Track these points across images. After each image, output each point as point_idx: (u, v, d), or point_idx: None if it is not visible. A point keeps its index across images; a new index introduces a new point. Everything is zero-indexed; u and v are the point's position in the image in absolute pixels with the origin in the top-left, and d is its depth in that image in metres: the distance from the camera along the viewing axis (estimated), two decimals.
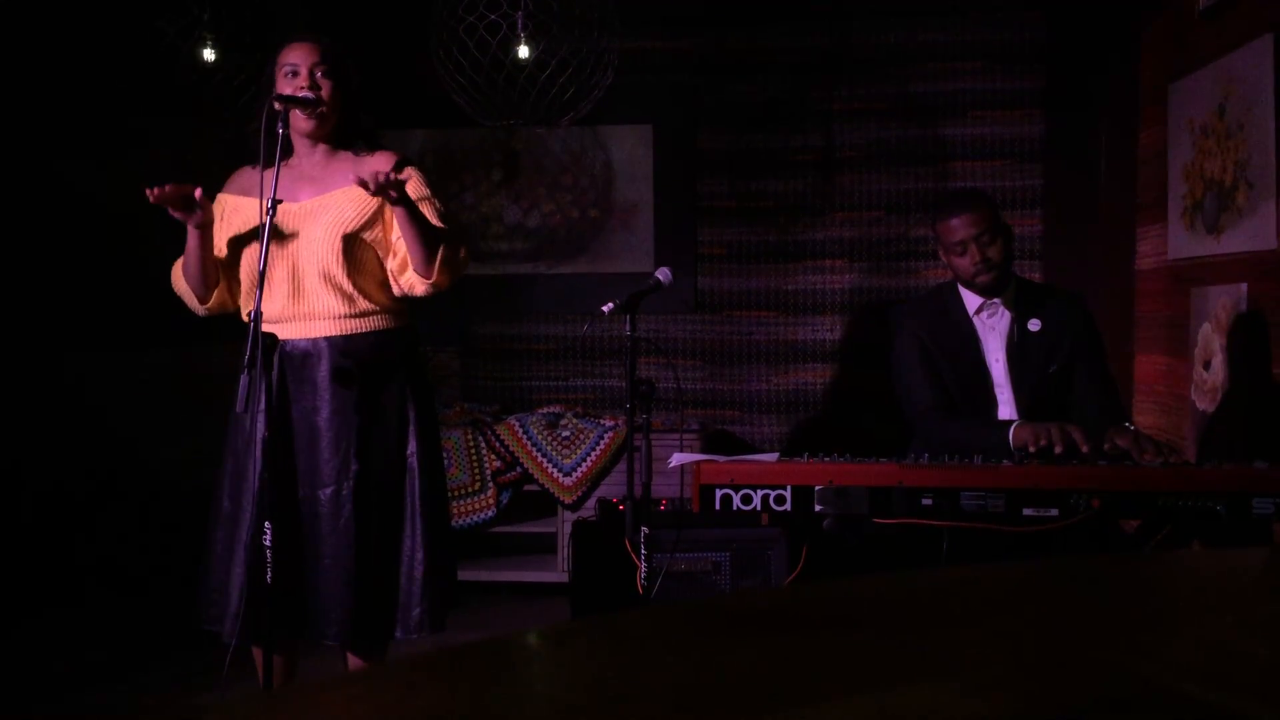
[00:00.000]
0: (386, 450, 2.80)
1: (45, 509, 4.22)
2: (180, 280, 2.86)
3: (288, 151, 2.77)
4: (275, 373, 2.71)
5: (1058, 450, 2.78)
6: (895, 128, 5.14)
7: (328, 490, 2.73)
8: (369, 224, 2.75)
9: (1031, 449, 2.82)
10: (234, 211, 2.83)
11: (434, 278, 2.73)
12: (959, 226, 3.15)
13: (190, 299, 2.87)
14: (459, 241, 2.77)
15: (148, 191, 2.60)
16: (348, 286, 2.73)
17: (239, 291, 2.86)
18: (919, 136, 5.13)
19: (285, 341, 2.75)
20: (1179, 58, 4.08)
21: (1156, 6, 4.31)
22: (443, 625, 2.84)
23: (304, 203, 2.76)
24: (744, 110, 5.20)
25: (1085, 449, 2.78)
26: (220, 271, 2.85)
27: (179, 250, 2.81)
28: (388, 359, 2.82)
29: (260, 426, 2.63)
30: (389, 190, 2.54)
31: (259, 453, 2.64)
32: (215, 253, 2.84)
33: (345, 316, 2.76)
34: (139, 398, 4.47)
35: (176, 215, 2.69)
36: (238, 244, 2.82)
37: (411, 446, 2.83)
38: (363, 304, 2.77)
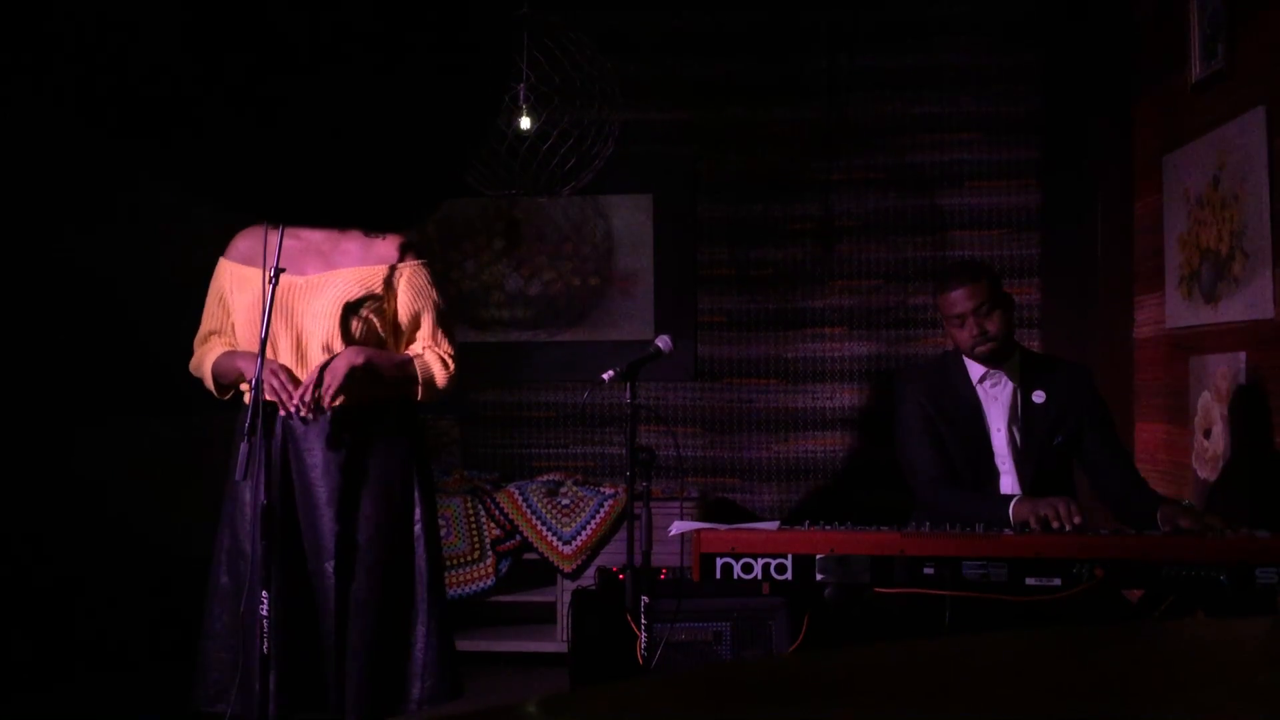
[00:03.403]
0: (393, 520, 2.78)
1: (39, 582, 4.18)
2: (205, 372, 2.86)
3: None
4: (279, 443, 2.71)
5: (1055, 526, 2.77)
6: (893, 197, 5.19)
7: (332, 563, 2.72)
8: (371, 299, 2.77)
9: (1033, 525, 2.81)
10: (240, 283, 2.82)
11: (419, 400, 2.84)
12: (958, 299, 3.15)
13: (210, 386, 2.87)
14: (429, 386, 2.83)
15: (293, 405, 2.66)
16: None
17: None
18: (917, 206, 5.18)
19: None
20: (1172, 129, 4.14)
21: (1149, 79, 4.38)
22: (462, 690, 2.83)
23: (310, 276, 2.76)
24: (743, 180, 5.25)
25: (1079, 520, 2.77)
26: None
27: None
28: (391, 429, 2.81)
29: (260, 495, 2.62)
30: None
31: (258, 521, 2.63)
32: (231, 325, 2.84)
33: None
34: (134, 467, 4.45)
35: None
36: (248, 315, 2.80)
37: (417, 515, 2.82)
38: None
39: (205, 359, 2.86)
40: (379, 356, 2.75)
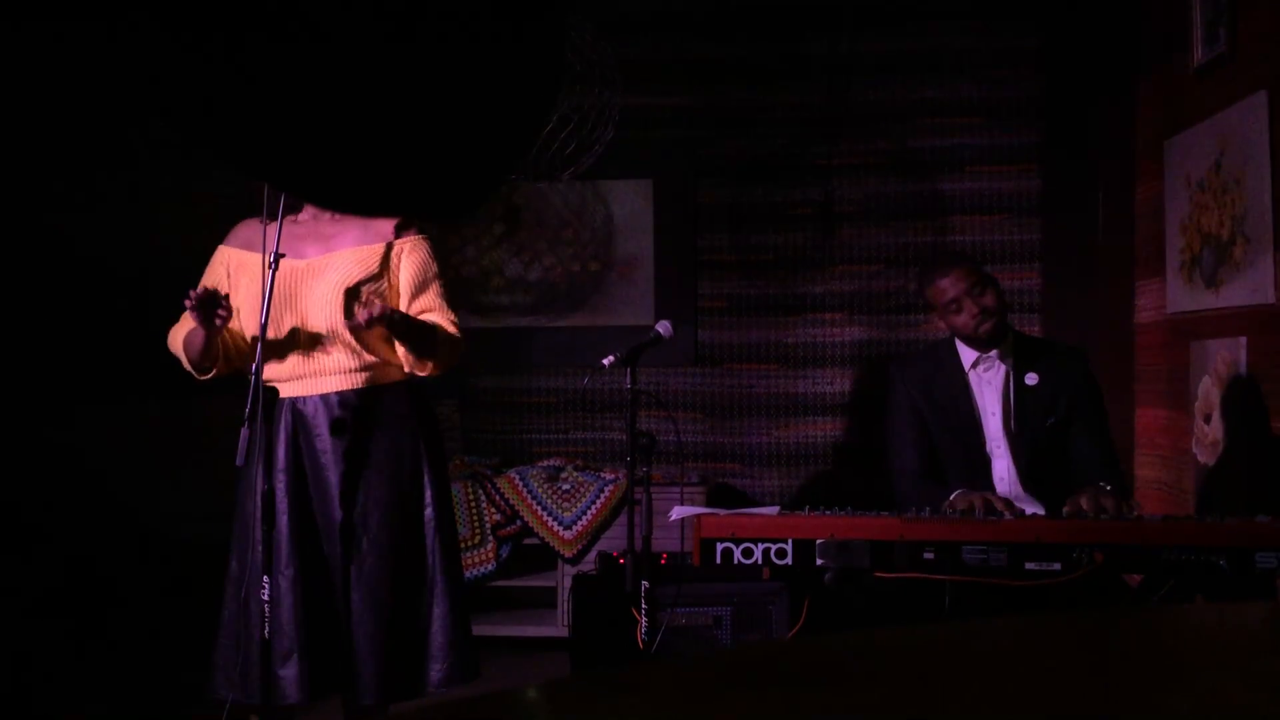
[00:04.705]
0: (403, 504, 2.79)
1: (46, 566, 4.19)
2: (178, 348, 2.84)
3: (296, 206, 2.77)
4: (288, 430, 2.71)
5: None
6: (894, 182, 5.18)
7: (341, 548, 2.73)
8: (371, 280, 2.76)
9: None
10: (239, 268, 2.81)
11: (427, 372, 2.82)
12: (949, 285, 3.15)
13: (186, 365, 2.84)
14: (448, 346, 2.81)
15: (187, 300, 2.58)
16: (354, 342, 2.74)
17: (246, 352, 2.82)
18: (917, 191, 5.17)
19: (296, 399, 2.74)
20: (1174, 113, 4.13)
21: (1151, 63, 4.37)
22: (477, 672, 2.86)
23: (310, 260, 2.76)
24: (744, 165, 5.24)
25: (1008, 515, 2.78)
26: (223, 348, 2.82)
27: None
28: (399, 412, 2.82)
29: (259, 480, 2.62)
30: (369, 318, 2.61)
31: (259, 506, 2.63)
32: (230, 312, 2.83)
33: (354, 371, 2.76)
34: (140, 451, 4.45)
35: (198, 317, 2.64)
36: (247, 302, 2.78)
37: (428, 498, 2.82)
38: (370, 358, 2.77)
39: (175, 334, 2.86)
40: (398, 311, 2.76)
